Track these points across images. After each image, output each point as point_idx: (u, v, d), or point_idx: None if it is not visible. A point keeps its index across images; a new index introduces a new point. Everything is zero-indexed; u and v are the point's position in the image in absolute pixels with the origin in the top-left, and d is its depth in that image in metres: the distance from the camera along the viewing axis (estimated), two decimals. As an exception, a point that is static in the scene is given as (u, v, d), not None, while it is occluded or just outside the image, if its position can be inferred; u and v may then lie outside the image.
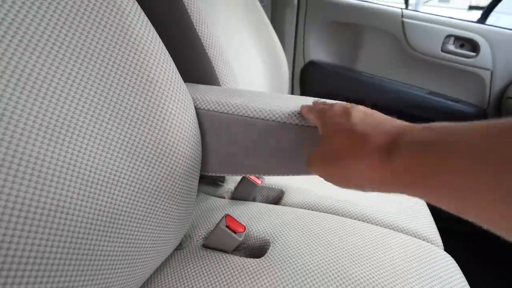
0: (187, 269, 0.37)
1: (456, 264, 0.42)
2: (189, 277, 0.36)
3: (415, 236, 0.45)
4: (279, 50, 0.78)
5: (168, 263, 0.39)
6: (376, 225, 0.46)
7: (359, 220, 0.47)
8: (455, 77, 0.81)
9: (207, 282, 0.35)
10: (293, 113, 0.34)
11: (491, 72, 0.77)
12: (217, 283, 0.34)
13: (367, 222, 0.46)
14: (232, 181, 0.59)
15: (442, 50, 0.79)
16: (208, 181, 0.59)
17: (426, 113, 0.85)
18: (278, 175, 0.36)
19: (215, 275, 0.36)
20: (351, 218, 0.47)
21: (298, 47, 0.96)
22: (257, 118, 0.34)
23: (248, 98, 0.37)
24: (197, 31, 0.49)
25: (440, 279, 0.37)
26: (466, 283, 0.39)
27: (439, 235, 0.48)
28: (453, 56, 0.78)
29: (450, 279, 0.38)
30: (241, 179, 0.54)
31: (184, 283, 0.35)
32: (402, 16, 0.81)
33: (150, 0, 0.45)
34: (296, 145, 0.34)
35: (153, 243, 0.32)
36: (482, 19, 0.83)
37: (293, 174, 0.36)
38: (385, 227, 0.45)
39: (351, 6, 0.88)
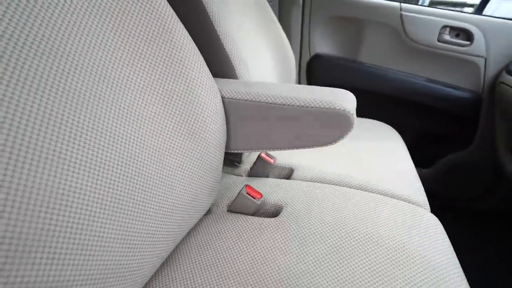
0: (216, 228, 0.46)
1: (440, 224, 0.49)
2: (218, 234, 0.45)
3: (405, 201, 0.53)
4: (287, 46, 0.85)
5: (200, 225, 0.48)
6: (373, 192, 0.54)
7: (358, 189, 0.55)
8: (452, 65, 0.86)
9: (232, 238, 0.44)
10: (301, 98, 0.42)
11: (485, 59, 0.82)
12: (241, 238, 0.43)
13: (365, 191, 0.54)
14: (247, 162, 0.68)
15: (438, 40, 0.84)
16: (227, 163, 0.68)
17: (425, 99, 0.90)
18: (288, 149, 0.45)
19: (239, 231, 0.45)
20: (351, 187, 0.55)
21: (304, 42, 1.02)
22: (272, 103, 0.42)
23: (263, 88, 0.46)
24: (217, 31, 0.57)
25: (425, 234, 0.45)
26: (448, 240, 0.47)
27: (427, 200, 0.56)
28: (449, 46, 0.83)
29: (435, 235, 0.46)
30: (256, 160, 0.62)
31: (214, 239, 0.44)
32: (401, 9, 0.87)
33: (175, 3, 0.53)
34: (302, 124, 0.42)
35: (191, 206, 0.41)
36: (479, 11, 0.88)
37: (303, 148, 0.44)
38: (380, 194, 0.53)
39: (352, 1, 0.94)
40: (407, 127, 0.92)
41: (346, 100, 0.41)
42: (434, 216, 0.50)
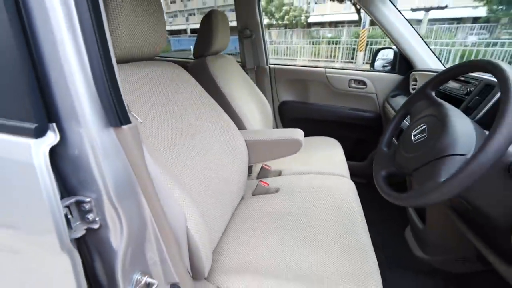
0: (250, 202, 0.96)
1: (354, 185, 1.03)
2: (251, 205, 0.94)
3: (337, 175, 1.07)
4: (265, 101, 1.41)
5: (241, 203, 0.97)
6: (322, 174, 1.07)
7: (314, 174, 1.08)
8: (360, 99, 1.47)
9: (257, 204, 0.93)
10: (279, 136, 0.96)
11: (376, 94, 1.43)
12: (262, 202, 0.93)
13: (318, 174, 1.08)
14: (255, 172, 1.19)
15: (349, 87, 1.45)
16: (243, 174, 1.19)
17: (349, 120, 1.49)
18: (276, 158, 0.98)
19: (262, 201, 0.95)
20: (311, 174, 1.08)
21: (274, 94, 1.60)
22: (266, 140, 0.96)
23: (261, 133, 1.00)
24: (229, 102, 1.11)
25: (341, 191, 0.98)
26: (358, 197, 1.00)
27: (348, 173, 1.10)
28: (354, 89, 1.45)
29: (348, 193, 0.99)
30: (260, 169, 1.15)
31: (250, 207, 0.94)
32: (326, 72, 1.48)
33: (206, 88, 1.01)
34: (282, 147, 0.96)
35: (237, 192, 0.91)
36: (371, 67, 1.51)
37: (283, 157, 0.98)
38: (325, 174, 1.07)
39: (297, 70, 1.55)
40: (344, 138, 1.49)
41: (297, 133, 0.96)
42: (352, 182, 1.04)
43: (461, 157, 0.48)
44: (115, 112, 0.36)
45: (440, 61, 1.24)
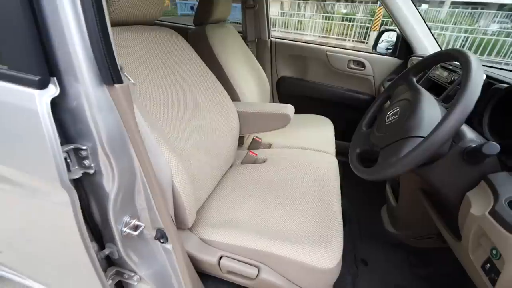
0: (237, 170, 1.03)
1: (337, 163, 1.09)
2: (238, 172, 1.02)
3: (323, 152, 1.13)
4: (263, 74, 1.43)
5: (229, 170, 1.04)
6: (308, 149, 1.13)
7: (300, 148, 1.14)
8: (357, 80, 1.48)
9: (245, 171, 1.01)
10: (270, 110, 1.01)
11: (373, 77, 1.45)
12: (250, 170, 1.00)
13: (305, 149, 1.14)
14: (246, 143, 1.25)
15: (347, 67, 1.46)
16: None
17: (344, 100, 1.52)
18: (266, 131, 1.04)
19: (249, 169, 1.02)
20: (297, 148, 1.14)
21: (273, 70, 1.61)
22: (257, 113, 1.01)
23: (253, 105, 1.04)
24: (226, 72, 1.14)
25: (323, 166, 1.04)
26: (338, 173, 1.06)
27: (334, 150, 1.16)
28: (353, 70, 1.46)
29: (329, 168, 1.05)
30: (251, 141, 1.20)
31: (237, 174, 1.01)
32: (326, 51, 1.48)
33: (203, 59, 1.04)
34: (272, 120, 1.01)
35: (227, 158, 0.97)
36: (373, 48, 1.50)
37: (272, 130, 1.03)
38: (310, 150, 1.13)
39: (299, 46, 1.54)
40: (337, 118, 1.53)
41: (288, 108, 1.01)
42: (335, 158, 1.10)
43: (420, 138, 0.53)
44: (108, 71, 0.41)
45: (441, 48, 1.23)
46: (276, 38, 1.58)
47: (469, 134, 0.56)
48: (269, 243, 0.66)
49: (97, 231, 0.57)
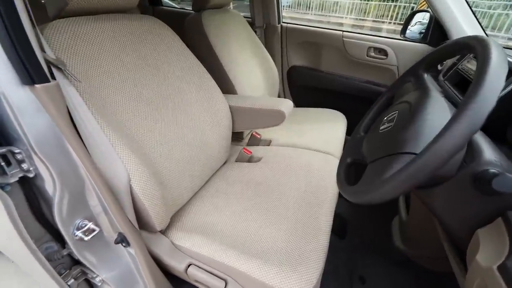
0: (229, 169, 0.97)
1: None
2: (231, 170, 0.96)
3: (325, 153, 1.01)
4: (271, 64, 1.32)
5: (222, 168, 0.99)
6: (311, 150, 1.03)
7: (303, 148, 1.04)
8: (377, 70, 1.29)
9: (238, 170, 0.94)
10: (266, 105, 0.92)
11: (397, 67, 1.25)
12: (242, 170, 0.94)
13: (306, 149, 1.03)
14: (246, 139, 1.18)
15: (366, 55, 1.28)
16: (236, 139, 1.19)
17: (362, 93, 1.35)
18: (261, 128, 0.95)
19: (241, 168, 0.96)
20: (301, 148, 1.04)
21: (284, 58, 1.48)
22: (252, 108, 0.93)
23: (248, 99, 0.96)
24: (222, 64, 1.06)
25: (322, 171, 0.94)
26: None
27: (340, 152, 1.04)
28: (373, 59, 1.27)
29: (330, 173, 0.94)
30: (250, 136, 1.13)
31: (230, 171, 0.95)
32: (342, 36, 1.31)
33: (194, 46, 0.96)
34: (267, 116, 0.92)
35: (218, 157, 0.92)
36: (402, 33, 1.28)
37: (268, 127, 0.94)
38: (313, 150, 1.02)
39: (312, 31, 1.38)
40: (353, 112, 1.37)
41: (283, 104, 0.91)
42: (338, 161, 0.99)
43: (412, 156, 0.41)
44: (25, 71, 0.36)
45: (486, 34, 1.01)
46: (287, 23, 1.44)
47: (488, 153, 0.42)
48: (238, 258, 0.60)
49: (56, 230, 0.56)
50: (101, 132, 0.52)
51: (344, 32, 1.31)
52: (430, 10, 1.16)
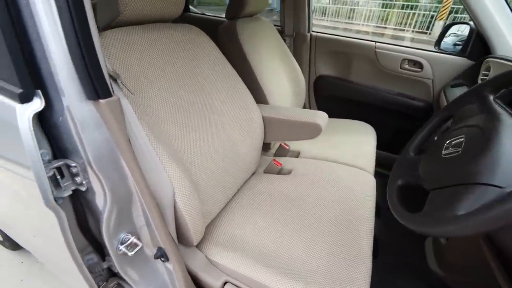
0: (258, 180, 0.94)
1: (375, 184, 0.92)
2: (260, 182, 0.93)
3: (358, 168, 0.98)
4: (299, 73, 1.30)
5: (250, 179, 0.96)
6: (340, 163, 0.99)
7: (332, 161, 1.01)
8: (411, 83, 1.25)
9: (266, 183, 0.92)
10: (299, 117, 0.89)
11: (432, 81, 1.20)
12: (272, 183, 0.91)
13: (336, 162, 1.00)
14: (274, 149, 1.16)
15: (400, 68, 1.24)
16: (264, 149, 1.17)
17: (393, 106, 1.31)
18: (294, 140, 0.93)
19: (271, 180, 0.93)
20: (332, 162, 1.01)
21: (311, 67, 1.46)
22: (285, 119, 0.90)
23: (281, 110, 0.94)
24: (255, 73, 1.04)
25: (356, 187, 0.89)
26: (374, 196, 0.88)
27: (373, 168, 1.00)
28: (407, 72, 1.23)
29: (364, 190, 0.88)
30: (278, 147, 1.11)
31: (258, 183, 0.92)
32: (375, 47, 1.27)
33: (229, 57, 0.95)
34: (301, 128, 0.90)
35: (248, 168, 0.89)
36: (436, 45, 1.24)
37: (301, 139, 0.92)
38: (344, 164, 0.99)
39: (343, 41, 1.36)
40: (382, 125, 1.33)
41: (319, 117, 0.88)
42: (373, 177, 0.94)
43: (497, 189, 0.38)
44: (91, 86, 0.35)
45: (533, 48, 0.96)
46: (317, 32, 1.42)
47: None
48: (277, 278, 0.57)
49: (98, 243, 0.55)
50: (150, 145, 0.51)
51: (377, 43, 1.28)
52: (470, 22, 1.12)
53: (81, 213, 0.49)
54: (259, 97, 1.04)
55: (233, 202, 0.82)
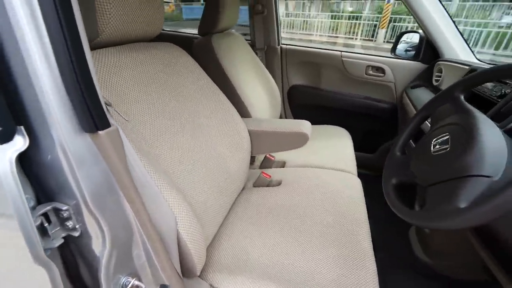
0: (250, 195, 0.92)
1: (361, 184, 0.97)
2: (249, 198, 0.91)
3: (342, 171, 1.02)
4: (273, 84, 1.33)
5: (241, 195, 0.94)
6: (325, 168, 1.02)
7: (317, 167, 1.03)
8: (376, 87, 1.36)
9: (258, 196, 0.90)
10: (284, 127, 0.90)
11: (394, 84, 1.32)
12: (263, 196, 0.90)
13: (321, 168, 1.03)
14: (258, 161, 1.15)
15: (365, 74, 1.34)
16: (246, 162, 1.15)
17: (363, 109, 1.40)
18: (280, 151, 0.93)
19: (262, 193, 0.92)
20: (313, 167, 1.04)
21: (284, 78, 1.50)
22: (270, 131, 0.91)
23: (265, 122, 0.94)
24: (235, 87, 1.04)
25: (346, 190, 0.93)
26: (363, 197, 0.93)
27: (356, 169, 1.05)
28: (372, 77, 1.34)
29: (353, 192, 0.93)
30: (263, 159, 1.10)
31: (250, 198, 0.91)
32: (342, 56, 1.37)
33: (208, 72, 0.94)
34: (286, 139, 0.91)
35: (237, 184, 0.87)
36: (392, 51, 1.37)
37: (287, 150, 0.92)
38: (329, 169, 1.02)
39: (311, 52, 1.43)
40: (354, 128, 1.41)
41: (304, 126, 0.90)
42: (358, 179, 0.99)
43: (487, 179, 0.42)
44: (89, 117, 0.31)
45: (473, 53, 1.11)
46: (286, 44, 1.47)
47: None
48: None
49: (90, 292, 0.48)
50: (147, 174, 0.46)
51: (342, 52, 1.36)
52: (420, 30, 1.25)
53: (71, 262, 0.43)
54: (241, 110, 1.03)
55: (227, 220, 0.79)
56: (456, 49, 1.13)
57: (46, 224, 0.36)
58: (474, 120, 0.50)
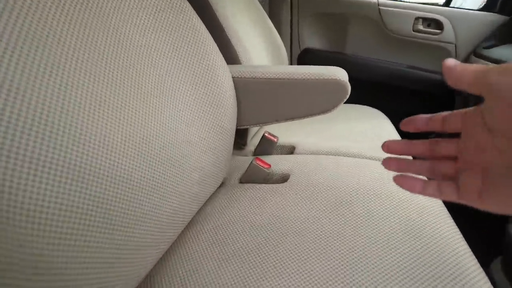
0: (230, 196, 0.51)
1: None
2: (234, 199, 0.50)
3: (379, 160, 0.60)
4: (279, 43, 0.93)
5: (216, 195, 0.52)
6: (356, 157, 0.61)
7: (346, 156, 0.62)
8: (427, 51, 0.97)
9: (247, 201, 0.48)
10: (301, 73, 0.49)
11: (455, 45, 0.93)
12: (254, 200, 0.48)
13: (351, 157, 0.61)
14: (252, 145, 0.74)
15: (413, 30, 0.95)
16: (234, 146, 0.74)
17: (406, 83, 1.00)
18: (292, 119, 0.51)
19: (252, 195, 0.50)
20: (341, 155, 0.62)
21: (294, 37, 1.11)
22: (276, 78, 0.49)
23: (267, 68, 0.53)
24: (223, 26, 0.65)
25: (401, 195, 0.51)
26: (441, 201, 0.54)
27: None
28: (422, 34, 0.94)
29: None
30: (260, 139, 0.68)
31: (230, 204, 0.49)
32: (378, 4, 0.97)
33: (194, 8, 0.58)
34: (304, 95, 0.49)
35: (210, 174, 0.46)
36: (446, 4, 0.99)
37: (305, 117, 0.51)
38: (361, 158, 0.60)
39: (335, -1, 1.04)
40: (394, 110, 1.01)
41: (338, 72, 0.48)
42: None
43: None
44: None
45: None
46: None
47: None
48: None
49: None
50: None
51: (380, 0, 0.97)
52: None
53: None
54: (232, 59, 0.63)
55: (185, 243, 0.37)
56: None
57: None
58: None
